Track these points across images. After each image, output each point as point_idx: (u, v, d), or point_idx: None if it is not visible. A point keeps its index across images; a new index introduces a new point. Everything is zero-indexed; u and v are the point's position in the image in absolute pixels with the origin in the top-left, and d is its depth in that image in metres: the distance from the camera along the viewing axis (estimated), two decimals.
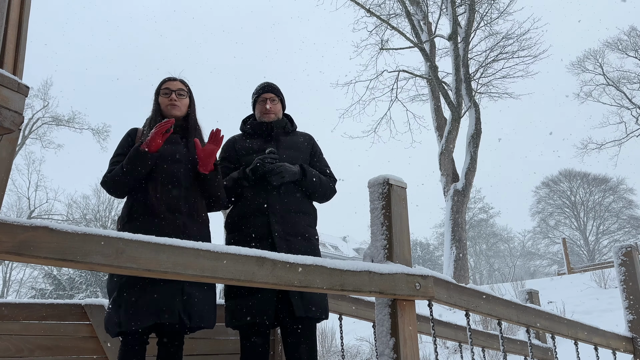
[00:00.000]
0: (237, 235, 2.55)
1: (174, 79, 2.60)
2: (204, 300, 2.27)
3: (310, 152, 2.76)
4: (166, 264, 1.45)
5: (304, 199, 2.62)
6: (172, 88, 2.55)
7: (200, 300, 2.25)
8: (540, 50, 16.23)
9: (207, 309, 2.28)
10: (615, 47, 26.14)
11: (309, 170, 2.61)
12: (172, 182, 2.36)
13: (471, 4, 15.15)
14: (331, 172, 2.78)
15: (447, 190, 14.31)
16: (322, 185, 2.66)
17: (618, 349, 3.02)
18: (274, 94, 2.76)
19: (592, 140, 26.48)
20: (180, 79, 2.62)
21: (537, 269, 41.75)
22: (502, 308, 2.35)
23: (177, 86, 2.56)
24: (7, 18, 1.43)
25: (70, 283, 18.39)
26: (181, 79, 2.62)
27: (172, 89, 2.54)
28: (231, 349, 3.02)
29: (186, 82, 2.63)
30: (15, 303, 2.56)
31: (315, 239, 2.62)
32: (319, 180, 2.64)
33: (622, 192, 37.36)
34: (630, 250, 3.25)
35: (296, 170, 2.56)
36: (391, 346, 1.90)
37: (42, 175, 30.92)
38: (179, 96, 2.54)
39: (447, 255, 13.58)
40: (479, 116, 14.44)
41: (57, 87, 48.22)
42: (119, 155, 2.43)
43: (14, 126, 1.36)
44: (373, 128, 17.33)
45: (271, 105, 2.73)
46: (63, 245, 1.30)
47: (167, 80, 2.59)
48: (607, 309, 8.02)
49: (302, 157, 2.69)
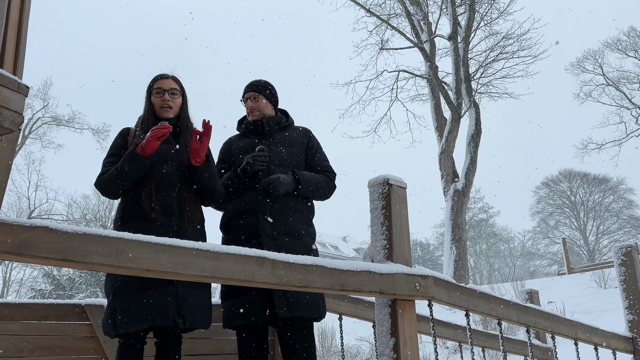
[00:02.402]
0: (231, 235, 2.56)
1: (166, 76, 2.52)
2: (198, 302, 2.26)
3: (306, 146, 2.74)
4: (166, 264, 1.45)
5: (296, 196, 2.59)
6: (165, 87, 2.48)
7: (194, 302, 2.24)
8: (540, 50, 16.26)
9: (202, 310, 2.28)
10: (615, 47, 26.16)
11: (302, 178, 2.56)
12: (165, 183, 2.34)
13: (471, 4, 15.15)
14: (330, 167, 2.75)
15: (447, 190, 14.31)
16: (320, 187, 2.63)
17: (618, 349, 3.02)
18: (255, 91, 2.75)
19: (592, 140, 26.51)
20: (172, 76, 2.54)
21: (537, 269, 41.74)
22: (502, 308, 2.35)
23: (169, 85, 2.49)
24: (7, 18, 1.43)
25: (70, 283, 18.37)
26: (173, 76, 2.54)
27: (164, 88, 2.48)
28: (231, 349, 3.02)
29: (178, 79, 2.56)
30: (15, 303, 2.56)
31: (308, 236, 2.57)
32: (315, 185, 2.61)
33: (622, 192, 37.37)
34: (630, 250, 3.25)
35: (290, 180, 2.52)
36: (391, 346, 1.90)
37: (42, 175, 30.93)
38: (172, 96, 2.48)
39: (447, 255, 13.58)
40: (479, 116, 14.44)
41: (65, 87, 47.95)
42: (112, 155, 2.41)
43: (14, 126, 1.36)
44: (373, 128, 17.34)
45: (252, 103, 2.73)
46: (63, 245, 1.30)
47: (160, 79, 2.51)
48: (607, 309, 8.02)
49: (296, 152, 2.68)
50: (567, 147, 45.17)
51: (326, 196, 2.72)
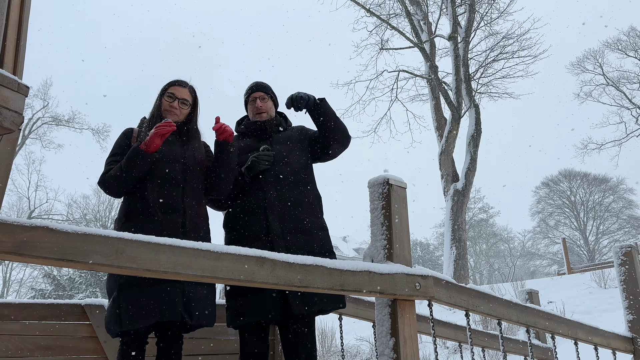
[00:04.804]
0: (236, 234, 2.54)
1: (183, 84, 2.56)
2: (205, 299, 2.27)
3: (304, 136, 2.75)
4: (166, 264, 1.45)
5: (305, 191, 2.59)
6: (178, 95, 2.51)
7: (201, 299, 2.25)
8: (540, 50, 16.27)
9: (208, 307, 2.28)
10: (615, 47, 26.16)
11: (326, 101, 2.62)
12: (170, 182, 2.35)
13: (471, 4, 15.14)
14: None
15: (447, 190, 14.31)
16: (339, 120, 2.65)
17: (618, 349, 3.02)
18: (264, 92, 2.77)
19: (592, 140, 26.51)
20: (189, 86, 2.58)
21: (537, 269, 41.76)
22: (502, 308, 2.35)
23: (182, 94, 2.53)
24: (7, 18, 1.43)
25: (70, 283, 18.38)
26: (190, 87, 2.58)
27: (177, 95, 2.51)
28: (231, 349, 3.02)
29: (194, 90, 2.60)
30: (15, 303, 2.56)
31: (321, 232, 2.56)
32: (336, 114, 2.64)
33: (622, 192, 37.38)
34: (630, 250, 3.25)
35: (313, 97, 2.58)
36: (391, 346, 1.90)
37: (42, 175, 30.93)
38: (182, 105, 2.52)
39: (447, 255, 13.58)
40: (479, 116, 14.43)
41: (67, 87, 47.99)
42: (115, 155, 2.42)
43: (14, 126, 1.36)
44: (373, 128, 17.34)
45: (261, 103, 2.74)
46: (63, 245, 1.30)
47: (176, 85, 2.55)
48: (607, 309, 8.03)
49: (297, 148, 2.68)
50: (568, 147, 45.16)
51: (346, 133, 2.69)
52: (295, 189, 2.56)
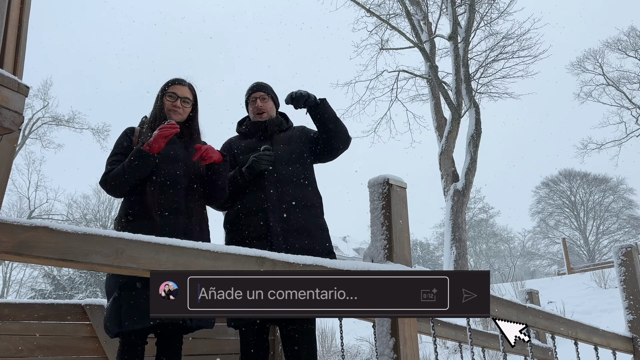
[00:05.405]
0: (236, 234, 2.54)
1: (183, 82, 2.55)
2: None
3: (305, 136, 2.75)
4: (166, 264, 1.45)
5: (305, 192, 2.60)
6: (179, 94, 2.51)
7: None
8: (540, 50, 16.25)
9: None
10: (615, 47, 26.15)
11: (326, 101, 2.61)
12: (171, 183, 2.35)
13: (471, 4, 15.14)
14: None
15: (447, 190, 14.31)
16: (340, 121, 2.65)
17: (618, 349, 3.01)
18: (264, 92, 2.77)
19: (592, 140, 26.50)
20: (188, 83, 2.57)
21: (537, 269, 41.74)
22: (502, 308, 2.35)
23: (184, 93, 2.52)
24: (7, 18, 1.43)
25: (70, 283, 18.38)
26: (190, 85, 2.58)
27: (178, 94, 2.50)
28: (231, 349, 3.02)
29: (194, 87, 2.59)
30: (15, 303, 2.56)
31: (321, 232, 2.57)
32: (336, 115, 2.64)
33: (622, 192, 37.38)
34: (630, 250, 3.25)
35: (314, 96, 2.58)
36: (391, 346, 1.90)
37: (42, 175, 30.86)
38: (184, 103, 2.51)
39: (447, 255, 13.57)
40: (479, 116, 14.43)
41: (70, 88, 47.96)
42: (116, 154, 2.42)
43: (14, 126, 1.36)
44: (373, 128, 17.34)
45: (262, 103, 2.74)
46: (63, 245, 1.30)
47: (176, 84, 2.54)
48: (607, 309, 8.03)
49: (298, 148, 2.69)
50: (568, 147, 45.18)
51: (346, 133, 2.69)
52: (295, 189, 2.56)
